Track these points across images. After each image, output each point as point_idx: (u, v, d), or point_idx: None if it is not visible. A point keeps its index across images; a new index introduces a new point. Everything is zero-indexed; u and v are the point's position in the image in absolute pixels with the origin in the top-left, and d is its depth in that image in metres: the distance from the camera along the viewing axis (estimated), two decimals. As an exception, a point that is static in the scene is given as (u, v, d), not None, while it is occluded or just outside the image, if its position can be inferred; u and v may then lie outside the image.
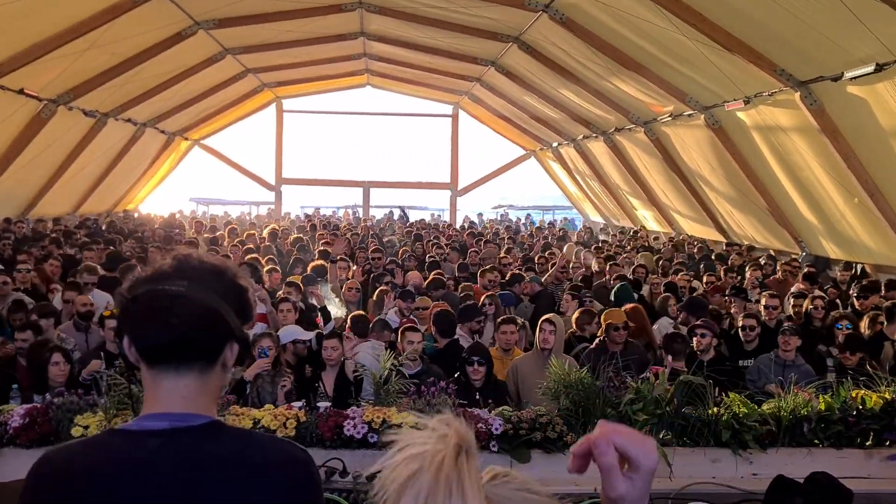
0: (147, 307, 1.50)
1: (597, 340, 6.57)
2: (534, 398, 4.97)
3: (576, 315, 7.28)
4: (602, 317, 6.64)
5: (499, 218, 28.88)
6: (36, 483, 1.50)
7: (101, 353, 6.02)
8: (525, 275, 9.79)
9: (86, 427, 3.60)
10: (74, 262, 9.73)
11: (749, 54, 9.22)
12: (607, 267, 10.76)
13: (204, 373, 1.52)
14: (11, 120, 12.39)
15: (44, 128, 13.18)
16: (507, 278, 9.47)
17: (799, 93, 9.21)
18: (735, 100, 10.93)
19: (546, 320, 5.91)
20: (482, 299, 7.74)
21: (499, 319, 6.74)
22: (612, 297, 8.60)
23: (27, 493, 1.49)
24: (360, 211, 26.71)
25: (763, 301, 7.60)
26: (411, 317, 7.51)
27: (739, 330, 6.82)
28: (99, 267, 8.82)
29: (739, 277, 10.55)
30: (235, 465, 1.47)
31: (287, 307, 6.86)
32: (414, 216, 26.16)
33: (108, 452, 1.47)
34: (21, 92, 11.80)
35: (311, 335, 6.04)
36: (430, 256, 11.68)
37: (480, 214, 27.11)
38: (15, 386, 5.24)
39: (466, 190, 26.77)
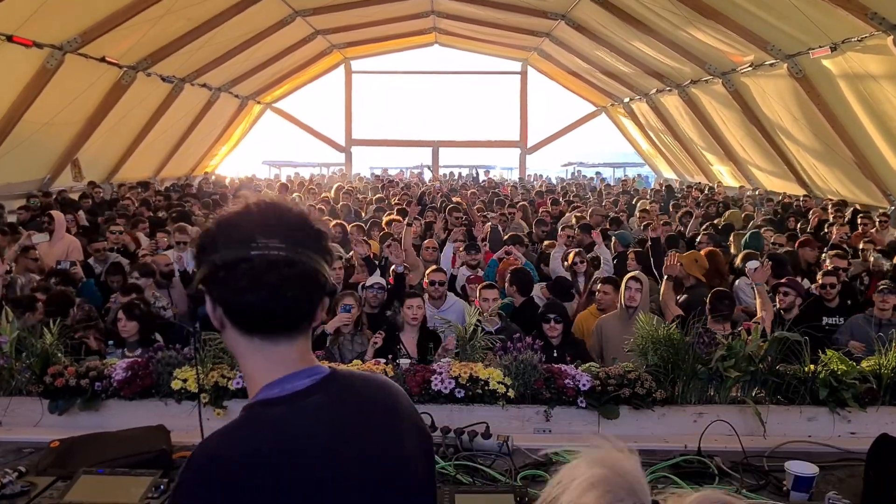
0: (250, 276, 1.35)
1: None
2: (620, 357, 4.91)
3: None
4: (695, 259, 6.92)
5: (569, 176, 28.49)
6: (226, 490, 1.29)
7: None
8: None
9: (184, 380, 3.72)
10: (160, 224, 10.04)
11: (837, -3, 8.79)
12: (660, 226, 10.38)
13: (308, 329, 1.50)
14: (94, 88, 12.80)
15: (124, 94, 13.59)
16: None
17: (892, 37, 8.76)
18: (821, 46, 10.44)
19: (632, 278, 5.81)
20: (572, 257, 7.55)
21: (599, 278, 6.64)
22: (743, 244, 8.86)
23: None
24: (427, 171, 26.75)
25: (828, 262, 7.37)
26: (478, 270, 7.54)
27: (820, 288, 6.61)
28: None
29: (823, 233, 10.18)
30: (388, 397, 1.54)
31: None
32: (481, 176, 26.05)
33: (276, 426, 1.37)
34: (103, 60, 12.15)
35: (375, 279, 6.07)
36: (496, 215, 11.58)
37: (540, 175, 26.75)
38: (111, 342, 5.49)
39: (536, 148, 26.49)
